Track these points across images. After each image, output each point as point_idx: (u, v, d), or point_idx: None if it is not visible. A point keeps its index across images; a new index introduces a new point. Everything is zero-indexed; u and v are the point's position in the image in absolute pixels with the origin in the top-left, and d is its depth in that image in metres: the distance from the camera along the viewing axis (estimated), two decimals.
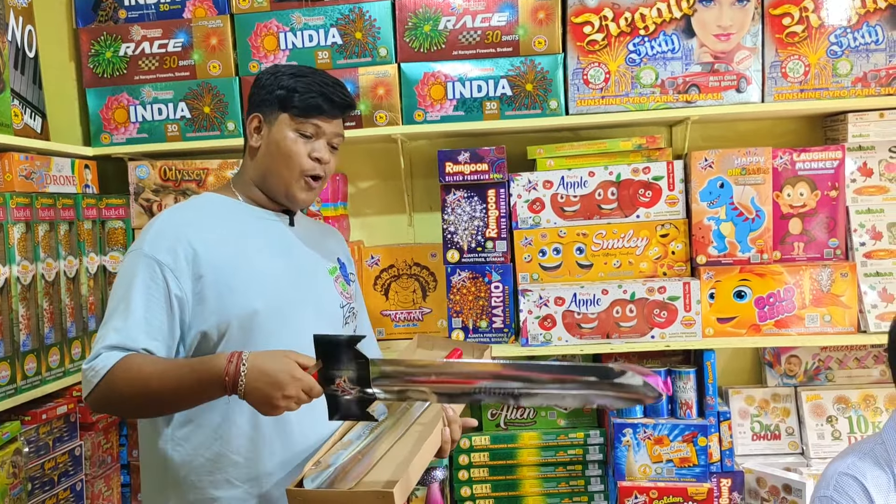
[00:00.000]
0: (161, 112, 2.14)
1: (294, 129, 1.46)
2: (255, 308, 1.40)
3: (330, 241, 1.68)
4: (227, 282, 1.39)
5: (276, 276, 1.46)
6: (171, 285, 1.36)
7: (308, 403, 1.27)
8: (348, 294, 1.62)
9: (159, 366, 1.31)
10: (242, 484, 1.40)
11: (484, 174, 2.06)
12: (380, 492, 1.23)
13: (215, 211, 1.49)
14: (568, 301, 2.04)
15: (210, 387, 1.27)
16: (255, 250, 1.46)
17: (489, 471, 2.18)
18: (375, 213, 2.35)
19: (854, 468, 1.37)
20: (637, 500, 2.02)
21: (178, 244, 1.38)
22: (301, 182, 1.48)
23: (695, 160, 2.05)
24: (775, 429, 2.17)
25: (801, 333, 2.02)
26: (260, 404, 1.25)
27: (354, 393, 1.27)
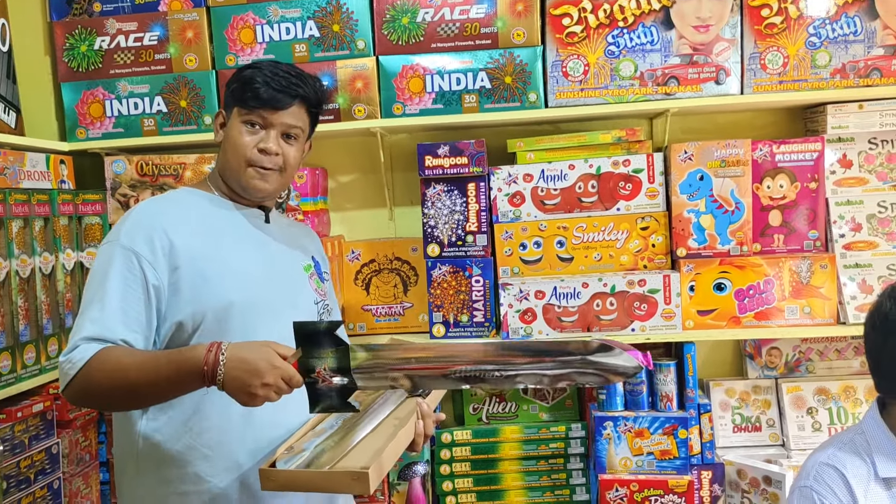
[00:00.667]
0: (137, 106, 2.12)
1: (243, 121, 1.46)
2: (230, 300, 1.40)
3: (305, 239, 1.68)
4: (203, 273, 1.39)
5: (252, 270, 1.46)
6: (148, 276, 1.36)
7: (288, 394, 1.27)
8: (322, 291, 1.62)
9: (137, 357, 1.30)
10: (211, 478, 1.39)
11: (464, 168, 2.05)
12: (354, 472, 1.23)
13: (192, 204, 1.48)
14: (548, 294, 2.03)
15: (189, 377, 1.26)
16: (232, 244, 1.46)
17: (471, 465, 2.17)
18: (356, 208, 2.34)
19: (834, 458, 1.37)
20: (618, 493, 2.02)
21: (155, 235, 1.38)
22: (250, 171, 1.46)
23: (674, 152, 2.04)
24: (756, 421, 2.17)
25: (781, 325, 2.02)
26: (238, 393, 1.24)
27: (335, 382, 1.27)
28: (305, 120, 1.51)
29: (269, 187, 1.49)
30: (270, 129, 1.46)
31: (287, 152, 1.48)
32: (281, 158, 1.48)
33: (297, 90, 1.46)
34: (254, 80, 1.43)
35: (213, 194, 1.52)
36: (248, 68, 1.47)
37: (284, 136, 1.48)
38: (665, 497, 2.01)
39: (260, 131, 1.46)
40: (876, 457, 1.37)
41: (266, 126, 1.46)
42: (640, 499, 2.01)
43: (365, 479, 1.21)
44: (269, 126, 1.46)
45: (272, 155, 1.46)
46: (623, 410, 2.07)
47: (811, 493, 1.35)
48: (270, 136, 1.46)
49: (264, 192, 1.49)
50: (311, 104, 1.51)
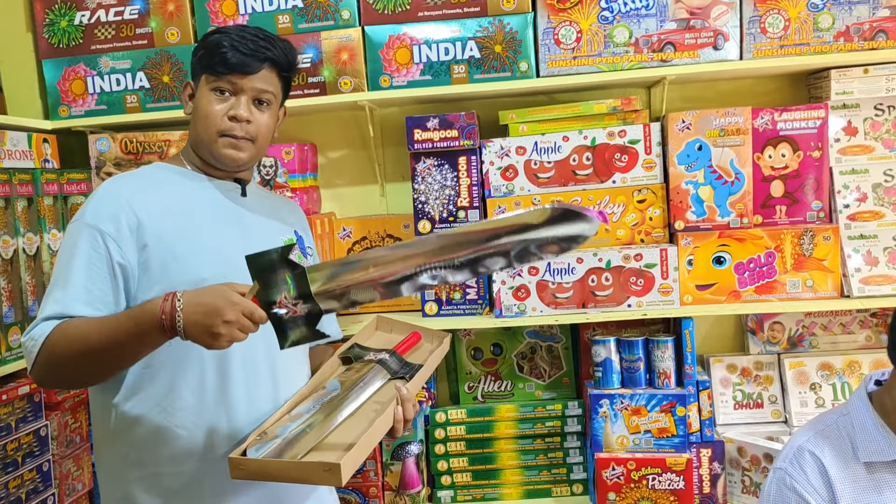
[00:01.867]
0: (119, 83, 2.07)
1: (211, 89, 1.40)
2: (201, 277, 1.34)
3: (286, 212, 1.62)
4: (173, 250, 1.35)
5: (224, 246, 1.41)
6: (113, 254, 1.32)
7: (254, 332, 1.22)
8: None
9: (96, 321, 1.27)
10: (187, 459, 1.36)
11: (454, 141, 1.99)
12: (325, 463, 1.19)
13: (162, 179, 1.43)
14: (542, 270, 1.98)
15: (150, 329, 1.23)
16: (203, 219, 1.41)
17: (466, 444, 2.14)
18: (346, 184, 2.29)
19: (812, 443, 1.31)
20: (615, 472, 1.98)
21: (122, 212, 1.33)
22: (222, 140, 1.41)
23: (672, 122, 1.97)
24: (758, 397, 2.12)
25: (783, 299, 1.96)
26: (202, 336, 1.20)
27: (299, 310, 1.23)
28: (277, 84, 1.45)
29: (242, 156, 1.43)
30: (241, 95, 1.40)
31: (259, 119, 1.43)
32: (254, 126, 1.42)
33: (267, 52, 1.40)
34: (220, 45, 1.38)
35: (186, 168, 1.47)
36: (214, 34, 1.41)
37: (256, 102, 1.42)
38: (663, 475, 1.96)
39: (230, 98, 1.40)
40: (859, 440, 1.31)
41: (236, 92, 1.40)
42: (637, 477, 1.97)
43: (337, 470, 1.17)
44: (238, 92, 1.40)
45: (244, 122, 1.40)
46: (620, 388, 2.02)
47: (785, 476, 1.30)
48: (241, 101, 1.40)
49: (238, 161, 1.44)
50: (282, 68, 1.45)
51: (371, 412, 1.37)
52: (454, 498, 2.15)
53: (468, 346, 2.19)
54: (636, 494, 1.98)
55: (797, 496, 1.25)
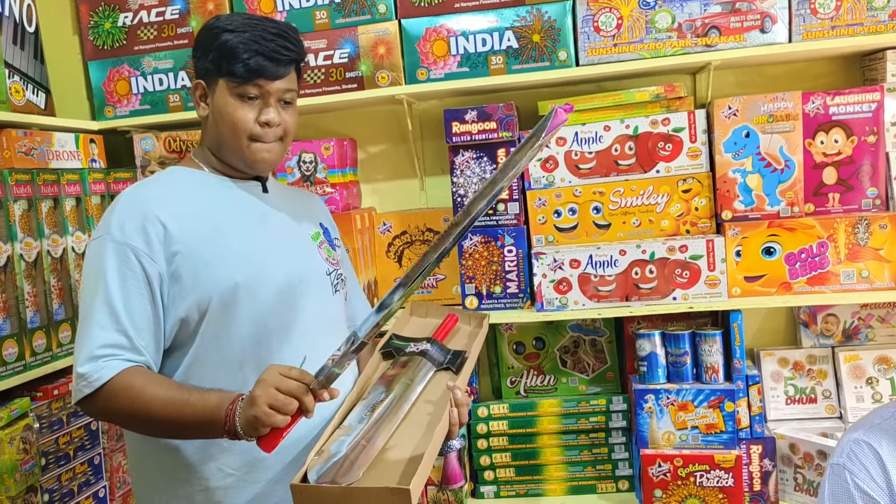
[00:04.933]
0: (162, 82, 2.10)
1: (236, 95, 1.37)
2: (235, 281, 1.33)
3: (310, 206, 1.61)
4: (203, 256, 1.33)
5: (254, 247, 1.39)
6: (147, 269, 1.29)
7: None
8: (334, 260, 1.55)
9: (163, 394, 1.26)
10: (235, 471, 1.35)
11: (492, 133, 1.97)
12: (395, 488, 1.14)
13: (182, 184, 1.41)
14: (584, 263, 1.94)
15: (214, 430, 1.25)
16: (229, 221, 1.39)
17: (508, 439, 2.12)
18: (386, 179, 2.28)
19: (870, 435, 1.24)
20: (661, 469, 1.94)
21: (148, 223, 1.31)
22: (256, 146, 1.39)
23: (717, 109, 1.91)
24: (811, 392, 2.05)
25: (836, 291, 1.89)
26: (247, 411, 1.21)
27: (343, 350, 1.24)
28: (295, 80, 1.43)
29: (273, 158, 1.42)
30: (268, 99, 1.38)
31: (287, 119, 1.41)
32: (282, 128, 1.41)
33: (289, 54, 1.37)
34: (238, 49, 1.34)
35: (204, 171, 1.44)
36: (222, 32, 1.36)
37: (282, 103, 1.41)
38: (711, 472, 1.91)
39: (256, 101, 1.38)
40: None
41: (262, 95, 1.37)
42: (684, 474, 1.93)
43: (407, 496, 1.12)
44: (265, 96, 1.38)
45: (275, 126, 1.39)
46: (665, 383, 1.97)
47: (843, 472, 1.23)
48: (270, 105, 1.38)
49: (270, 164, 1.43)
50: (299, 62, 1.43)
51: (425, 414, 1.34)
52: (497, 493, 2.13)
53: (510, 341, 2.17)
54: (683, 492, 1.93)
55: (860, 492, 1.19)
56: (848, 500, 1.20)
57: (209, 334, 1.34)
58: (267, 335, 1.36)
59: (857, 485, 1.20)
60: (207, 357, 1.35)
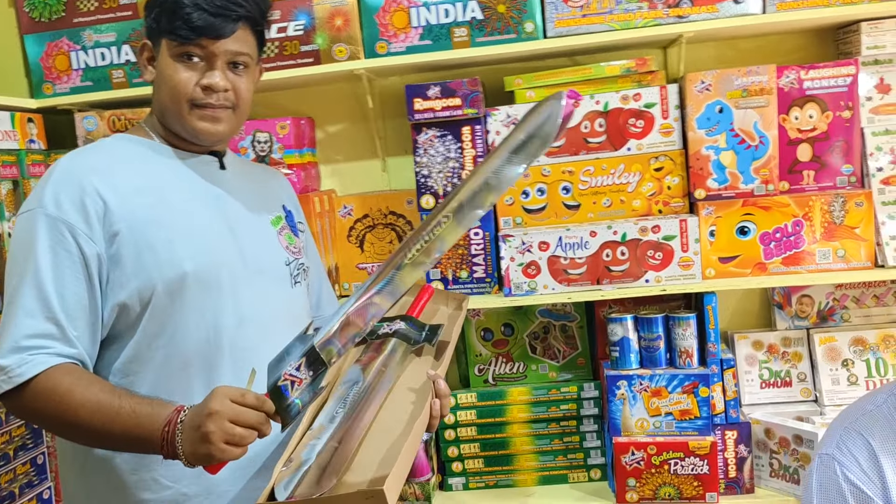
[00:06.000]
0: (104, 57, 1.97)
1: (177, 55, 1.24)
2: (183, 270, 1.21)
3: (272, 185, 1.49)
4: (148, 239, 1.20)
5: (206, 231, 1.27)
6: (84, 250, 1.16)
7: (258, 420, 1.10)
8: (295, 248, 1.43)
9: (92, 395, 1.12)
10: (174, 483, 1.22)
11: (457, 109, 1.87)
12: (368, 491, 1.02)
13: (127, 154, 1.27)
14: (553, 245, 1.87)
15: (150, 446, 1.12)
16: (180, 201, 1.26)
17: (477, 429, 2.04)
18: (346, 160, 2.18)
19: (861, 424, 1.17)
20: (634, 457, 1.87)
21: (87, 197, 1.17)
22: (197, 113, 1.26)
23: (690, 83, 1.84)
24: (786, 375, 2.00)
25: (812, 271, 1.84)
26: (197, 447, 1.08)
27: (303, 375, 1.11)
28: (252, 43, 1.29)
29: (220, 128, 1.28)
30: (214, 61, 1.24)
31: (238, 84, 1.27)
32: (232, 94, 1.27)
33: (239, 10, 1.23)
34: (180, 4, 1.21)
35: (154, 140, 1.31)
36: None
37: (231, 66, 1.27)
38: (686, 460, 1.85)
39: (199, 64, 1.24)
40: None
41: (207, 58, 1.24)
42: (658, 462, 1.86)
43: (381, 497, 1.01)
44: (211, 57, 1.24)
45: (221, 91, 1.25)
46: (638, 368, 1.91)
47: (832, 462, 1.16)
48: (215, 70, 1.24)
49: (217, 135, 1.29)
50: (256, 23, 1.29)
51: (406, 404, 1.23)
52: (466, 485, 2.05)
53: (478, 327, 2.08)
54: (657, 480, 1.87)
55: (850, 484, 1.12)
56: (837, 492, 1.14)
57: (152, 327, 1.21)
58: (217, 332, 1.24)
59: (846, 476, 1.13)
60: (150, 354, 1.22)
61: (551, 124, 1.05)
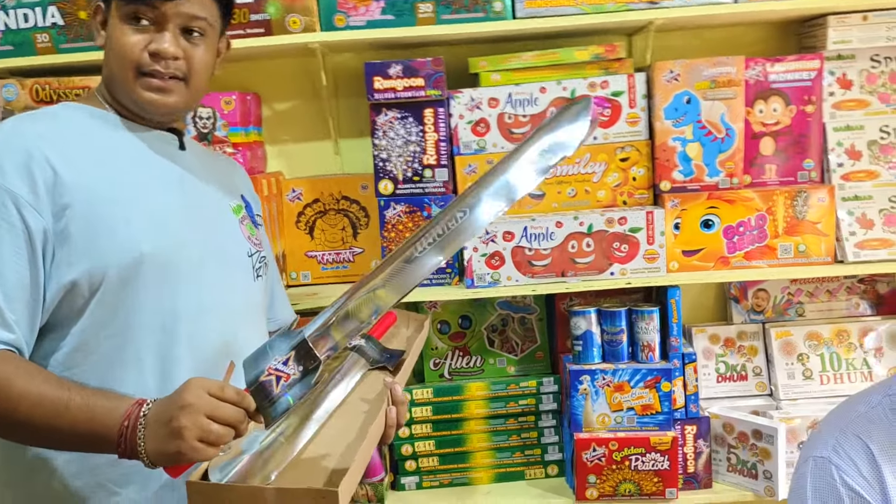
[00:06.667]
0: (28, 19, 1.77)
1: (125, 17, 1.12)
2: (140, 252, 1.09)
3: (232, 174, 1.38)
4: (101, 215, 1.08)
5: (167, 213, 1.15)
6: (29, 223, 1.04)
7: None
8: (256, 240, 1.33)
9: (34, 387, 1.00)
10: (121, 489, 1.11)
11: (419, 90, 1.77)
12: (321, 490, 0.94)
13: (79, 124, 1.15)
14: (518, 236, 1.79)
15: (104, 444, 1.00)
16: (138, 176, 1.15)
17: (433, 426, 1.95)
18: (295, 140, 2.04)
19: (858, 426, 1.14)
20: (595, 453, 1.83)
21: (34, 164, 1.05)
22: (143, 82, 1.14)
23: (658, 72, 1.79)
24: (741, 369, 1.99)
25: (773, 265, 1.83)
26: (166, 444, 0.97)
27: (291, 370, 1.00)
28: (212, 8, 1.18)
29: (171, 101, 1.16)
30: (164, 24, 1.13)
31: (192, 53, 1.16)
32: (184, 63, 1.15)
33: None
34: None
35: (107, 111, 1.19)
36: None
37: (185, 33, 1.15)
38: (647, 455, 1.82)
39: (149, 28, 1.13)
40: None
41: (158, 20, 1.12)
42: (619, 458, 1.83)
43: (334, 499, 0.93)
44: (161, 20, 1.12)
45: (170, 59, 1.13)
46: (601, 363, 1.86)
47: (829, 466, 1.12)
48: (165, 34, 1.13)
49: (165, 108, 1.17)
50: None
51: (358, 413, 1.15)
52: (419, 484, 1.97)
53: (434, 320, 1.99)
54: (618, 476, 1.83)
55: (847, 489, 1.09)
56: (833, 496, 1.10)
57: (101, 313, 1.09)
58: (174, 323, 1.13)
59: (844, 481, 1.10)
60: (98, 344, 1.10)
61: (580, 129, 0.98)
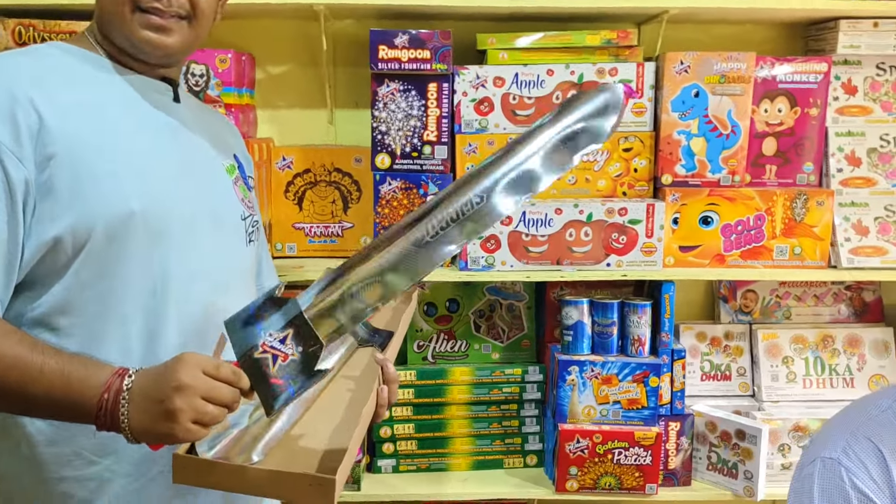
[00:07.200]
0: None
1: None
2: (130, 209, 1.02)
3: (225, 132, 1.30)
4: (90, 167, 1.00)
5: (160, 167, 1.08)
6: (10, 172, 0.96)
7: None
8: (250, 203, 1.26)
9: (7, 348, 0.93)
10: (100, 459, 1.04)
11: (425, 63, 1.71)
12: (316, 476, 0.90)
13: (67, 66, 1.06)
14: (516, 220, 1.75)
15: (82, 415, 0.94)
16: (129, 126, 1.06)
17: (413, 409, 1.91)
18: (289, 107, 1.96)
19: (869, 428, 1.13)
20: (579, 445, 1.80)
21: (18, 108, 0.96)
22: (140, 19, 1.05)
23: (669, 63, 1.76)
24: (726, 369, 1.99)
25: (768, 266, 1.82)
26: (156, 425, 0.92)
27: (289, 350, 0.94)
28: None
29: (170, 42, 1.08)
30: None
31: None
32: (187, 0, 1.07)
33: None
34: None
35: (99, 54, 1.09)
36: None
37: None
38: (630, 450, 1.80)
39: None
40: None
41: None
42: (602, 451, 1.81)
43: (330, 487, 0.89)
44: None
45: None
46: (590, 354, 1.83)
47: (838, 467, 1.11)
48: None
49: (164, 49, 1.08)
50: None
51: (346, 391, 1.11)
52: (396, 467, 1.92)
53: (421, 301, 1.94)
54: (599, 469, 1.81)
55: (857, 492, 1.08)
56: (842, 498, 1.09)
57: (86, 273, 1.01)
58: (164, 285, 1.06)
59: (853, 483, 1.08)
60: (80, 305, 1.02)
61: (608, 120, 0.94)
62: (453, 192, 1.00)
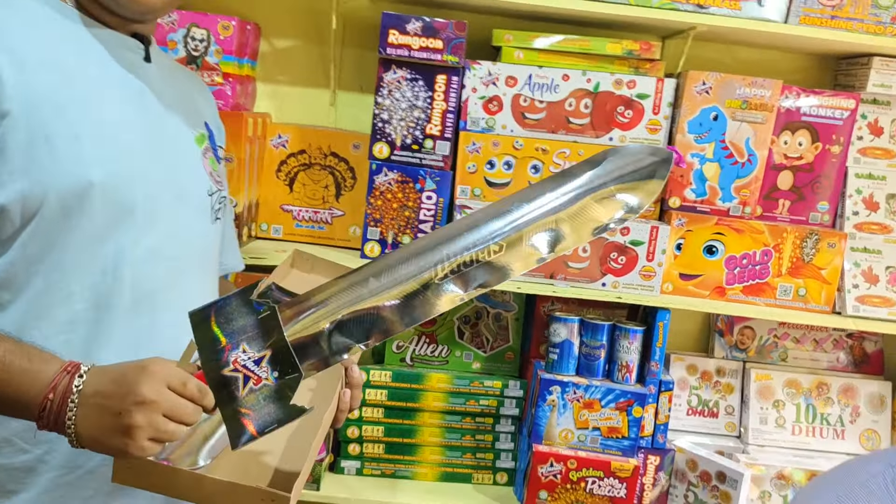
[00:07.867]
0: None
1: None
2: (88, 179, 0.93)
3: (196, 95, 1.20)
4: (47, 128, 0.91)
5: (122, 132, 0.99)
6: None
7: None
8: (219, 177, 1.17)
9: None
10: (31, 448, 0.95)
11: (436, 53, 1.63)
12: (271, 492, 0.83)
13: (29, 14, 0.96)
14: None
15: (14, 407, 0.86)
16: (96, 87, 0.97)
17: (385, 412, 1.82)
18: (290, 83, 1.88)
19: (858, 497, 1.04)
20: (552, 469, 1.72)
21: None
22: None
23: (690, 82, 1.68)
24: (714, 406, 1.91)
25: (770, 305, 1.74)
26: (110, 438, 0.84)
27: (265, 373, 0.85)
28: None
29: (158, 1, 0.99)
30: None
31: None
32: None
33: None
34: None
35: (66, 4, 0.99)
36: None
37: None
38: (604, 480, 1.72)
39: None
40: None
41: None
42: (575, 478, 1.73)
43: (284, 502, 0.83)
44: None
45: None
46: (575, 375, 1.75)
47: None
48: None
49: (150, 4, 0.99)
50: None
51: (306, 391, 1.02)
52: (360, 470, 1.84)
53: None
54: (571, 497, 1.73)
55: None
56: None
57: (33, 246, 0.93)
58: (117, 264, 0.97)
59: None
60: (23, 282, 0.94)
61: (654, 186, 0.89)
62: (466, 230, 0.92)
